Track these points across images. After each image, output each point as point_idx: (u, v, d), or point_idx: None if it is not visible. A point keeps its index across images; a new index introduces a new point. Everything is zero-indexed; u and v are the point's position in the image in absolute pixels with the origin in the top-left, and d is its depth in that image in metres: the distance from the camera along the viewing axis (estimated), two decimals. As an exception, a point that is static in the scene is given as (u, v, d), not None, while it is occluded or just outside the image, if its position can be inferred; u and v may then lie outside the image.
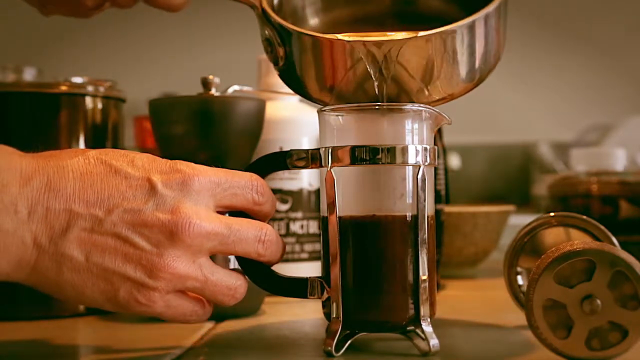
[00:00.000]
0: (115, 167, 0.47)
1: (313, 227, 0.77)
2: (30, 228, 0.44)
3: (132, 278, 0.46)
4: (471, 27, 0.51)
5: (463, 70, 0.51)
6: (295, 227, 0.76)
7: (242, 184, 0.50)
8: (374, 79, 0.50)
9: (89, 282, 0.46)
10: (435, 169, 0.68)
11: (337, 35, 0.52)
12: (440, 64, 0.50)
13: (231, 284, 0.49)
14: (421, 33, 0.50)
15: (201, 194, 0.48)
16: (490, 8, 0.51)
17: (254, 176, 0.50)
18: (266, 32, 0.54)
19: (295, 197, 0.76)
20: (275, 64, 0.55)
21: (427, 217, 0.50)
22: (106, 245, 0.46)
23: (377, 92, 0.51)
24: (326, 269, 0.51)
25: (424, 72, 0.50)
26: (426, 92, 0.51)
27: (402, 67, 0.50)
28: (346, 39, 0.51)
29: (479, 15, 0.51)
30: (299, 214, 0.76)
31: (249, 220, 0.50)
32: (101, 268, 0.46)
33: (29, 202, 0.44)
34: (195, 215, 0.47)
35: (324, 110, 0.51)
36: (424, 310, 0.50)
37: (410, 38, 0.50)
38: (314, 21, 0.60)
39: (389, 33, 0.54)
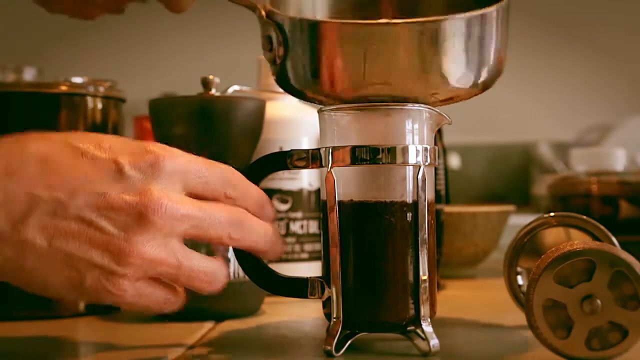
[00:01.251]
0: (81, 149, 0.44)
1: (313, 227, 0.77)
2: None
3: (98, 264, 0.43)
4: (469, 23, 0.50)
5: (459, 65, 0.51)
6: (295, 227, 0.76)
7: (216, 175, 0.48)
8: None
9: (54, 269, 0.43)
10: (435, 169, 0.68)
11: (342, 20, 0.52)
12: (432, 55, 0.50)
13: (208, 268, 0.47)
14: (419, 19, 0.50)
15: (173, 177, 0.46)
16: (490, 9, 0.51)
17: (230, 169, 0.48)
18: (268, 31, 0.54)
19: (295, 197, 0.76)
20: (273, 63, 0.55)
21: (428, 217, 0.50)
22: (70, 230, 0.43)
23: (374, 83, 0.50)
24: (326, 269, 0.51)
25: (421, 61, 0.50)
26: (424, 86, 0.51)
27: (404, 53, 0.50)
28: (354, 21, 0.50)
29: (475, 13, 0.50)
30: (299, 214, 0.76)
31: (220, 204, 0.47)
32: (65, 254, 0.43)
33: None
34: (166, 197, 0.44)
35: (325, 110, 0.51)
36: (424, 310, 0.50)
37: (411, 22, 0.49)
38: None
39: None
